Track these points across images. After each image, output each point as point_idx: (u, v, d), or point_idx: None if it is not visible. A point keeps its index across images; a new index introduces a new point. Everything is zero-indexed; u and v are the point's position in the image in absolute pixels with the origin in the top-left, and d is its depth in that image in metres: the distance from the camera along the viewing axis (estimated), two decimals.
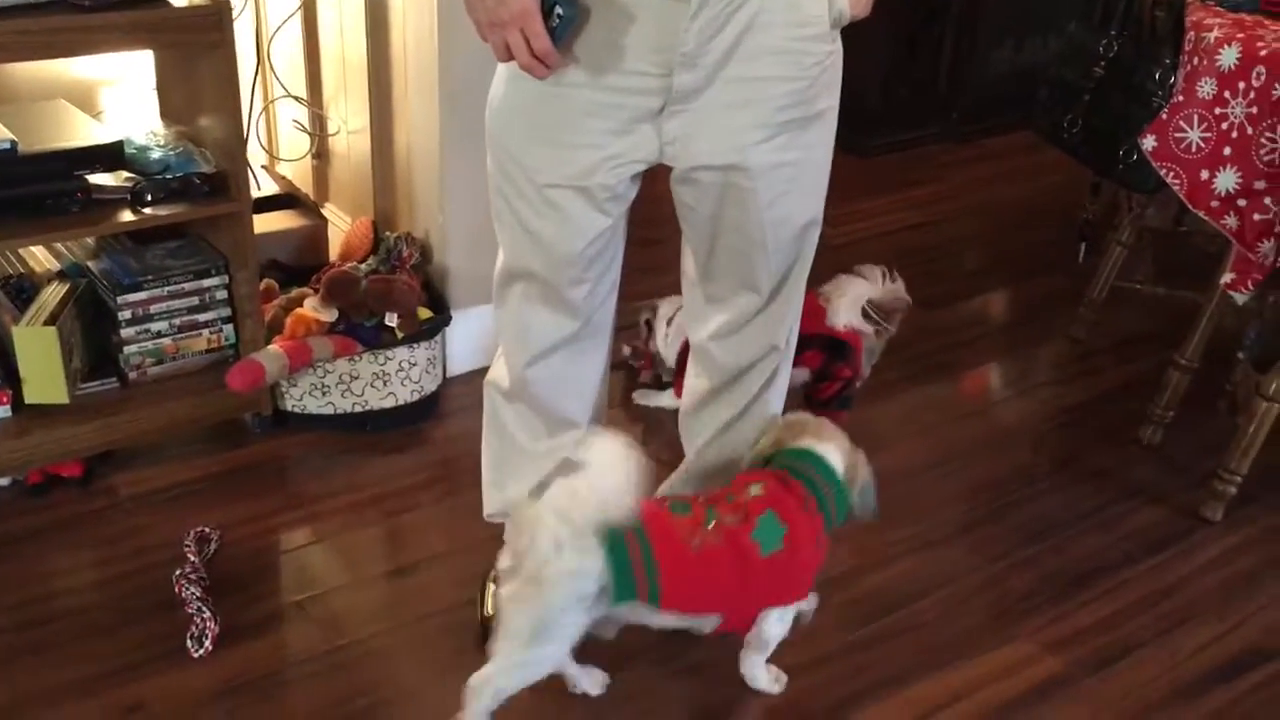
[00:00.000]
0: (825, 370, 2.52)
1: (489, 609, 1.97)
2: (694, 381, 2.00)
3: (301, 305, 2.48)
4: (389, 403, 2.52)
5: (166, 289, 2.34)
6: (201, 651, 1.90)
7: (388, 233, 2.72)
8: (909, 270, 2.74)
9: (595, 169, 1.67)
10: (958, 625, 2.07)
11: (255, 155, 2.94)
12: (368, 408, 2.51)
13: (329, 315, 2.46)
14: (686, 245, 1.87)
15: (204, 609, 1.95)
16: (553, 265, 1.78)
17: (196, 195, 2.24)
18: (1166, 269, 3.19)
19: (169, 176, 2.23)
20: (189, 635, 1.92)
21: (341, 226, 2.89)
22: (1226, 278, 2.34)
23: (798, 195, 1.75)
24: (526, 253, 1.79)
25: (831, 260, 3.57)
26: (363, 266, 2.60)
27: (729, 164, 1.68)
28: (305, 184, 3.08)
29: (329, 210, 3.00)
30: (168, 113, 2.51)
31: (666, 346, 2.59)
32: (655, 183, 1.75)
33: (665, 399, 2.63)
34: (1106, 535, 2.32)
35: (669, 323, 2.58)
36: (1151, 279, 3.10)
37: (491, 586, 1.99)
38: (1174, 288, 3.01)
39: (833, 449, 1.82)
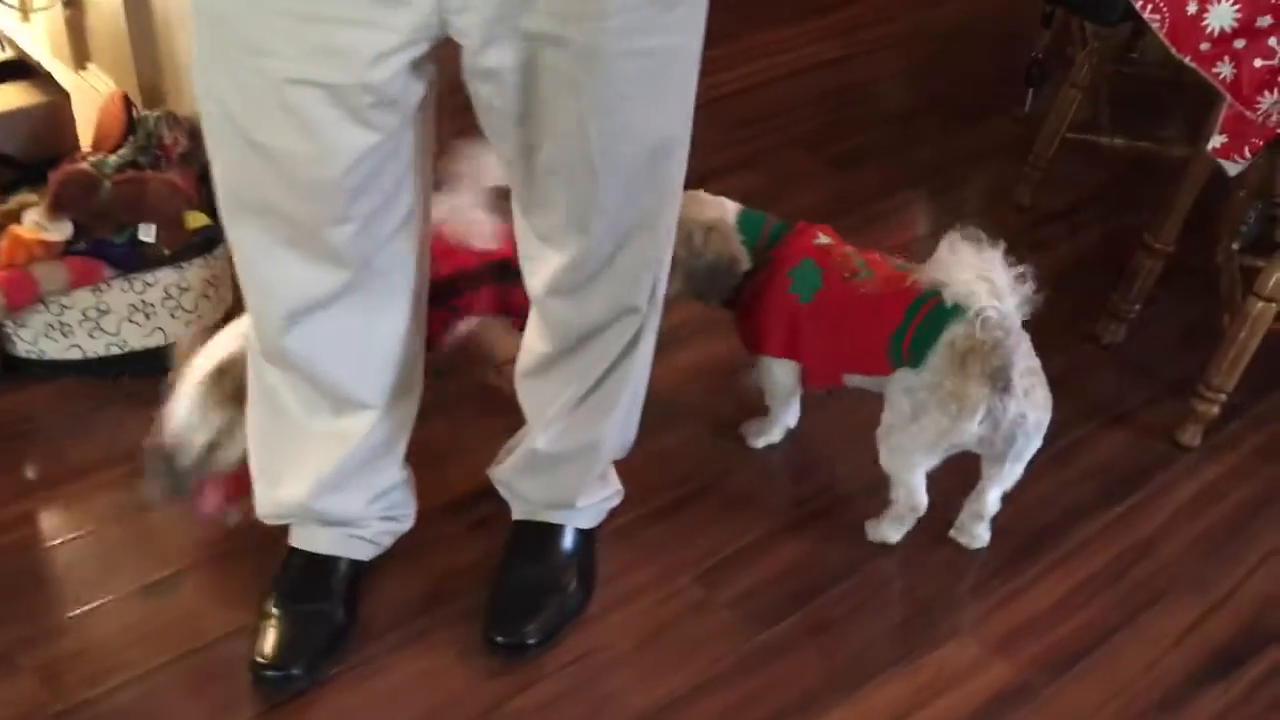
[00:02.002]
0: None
1: (267, 648, 1.48)
2: (532, 338, 1.48)
3: (19, 220, 1.87)
4: (155, 341, 1.95)
5: None
6: None
7: (146, 111, 2.09)
8: (821, 118, 2.17)
9: (352, 56, 1.12)
10: (877, 623, 1.63)
11: None
12: (127, 349, 1.94)
13: (59, 232, 1.86)
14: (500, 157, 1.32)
15: None
16: (298, 197, 1.23)
17: None
18: (1120, 111, 2.66)
19: None
20: None
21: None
22: (1215, 142, 1.83)
23: (650, 103, 1.21)
24: (258, 178, 1.23)
25: (723, 114, 3.29)
26: (111, 160, 1.98)
27: (547, 33, 1.12)
28: (60, 43, 2.40)
29: (88, 78, 2.34)
30: None
31: None
32: None
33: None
34: (1060, 474, 1.86)
35: None
36: (1109, 128, 2.57)
37: (273, 614, 1.49)
38: (1134, 137, 2.50)
39: None
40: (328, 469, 1.46)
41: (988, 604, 1.66)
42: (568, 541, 1.61)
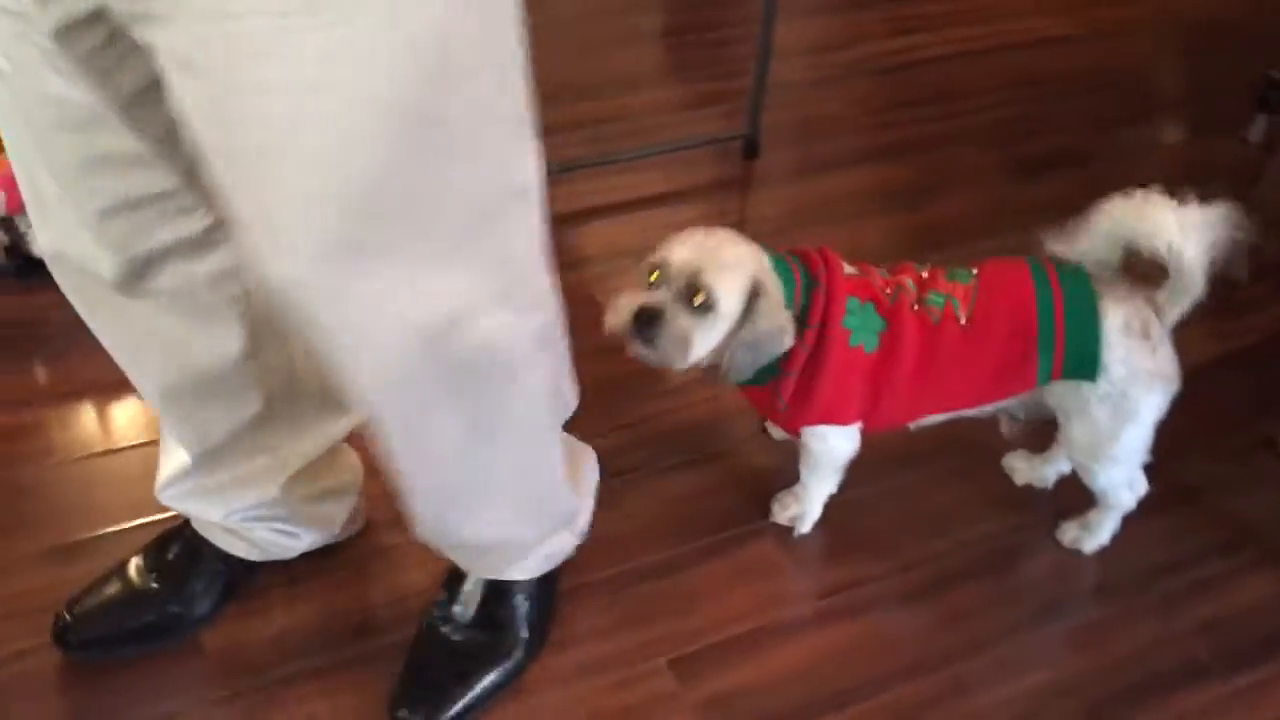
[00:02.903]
0: None
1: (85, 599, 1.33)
2: None
3: None
4: None
5: None
6: None
7: None
8: (1007, 109, 1.78)
9: None
10: None
11: None
12: None
13: None
14: None
15: None
16: None
17: None
18: None
19: None
20: None
21: None
22: None
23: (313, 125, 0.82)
24: None
25: (879, 89, 2.85)
26: None
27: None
28: None
29: None
30: None
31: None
32: None
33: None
34: (1166, 622, 1.47)
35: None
36: None
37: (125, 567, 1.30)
38: None
39: None
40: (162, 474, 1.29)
41: None
42: (505, 594, 1.34)
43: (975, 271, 1.39)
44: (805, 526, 1.53)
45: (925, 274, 1.39)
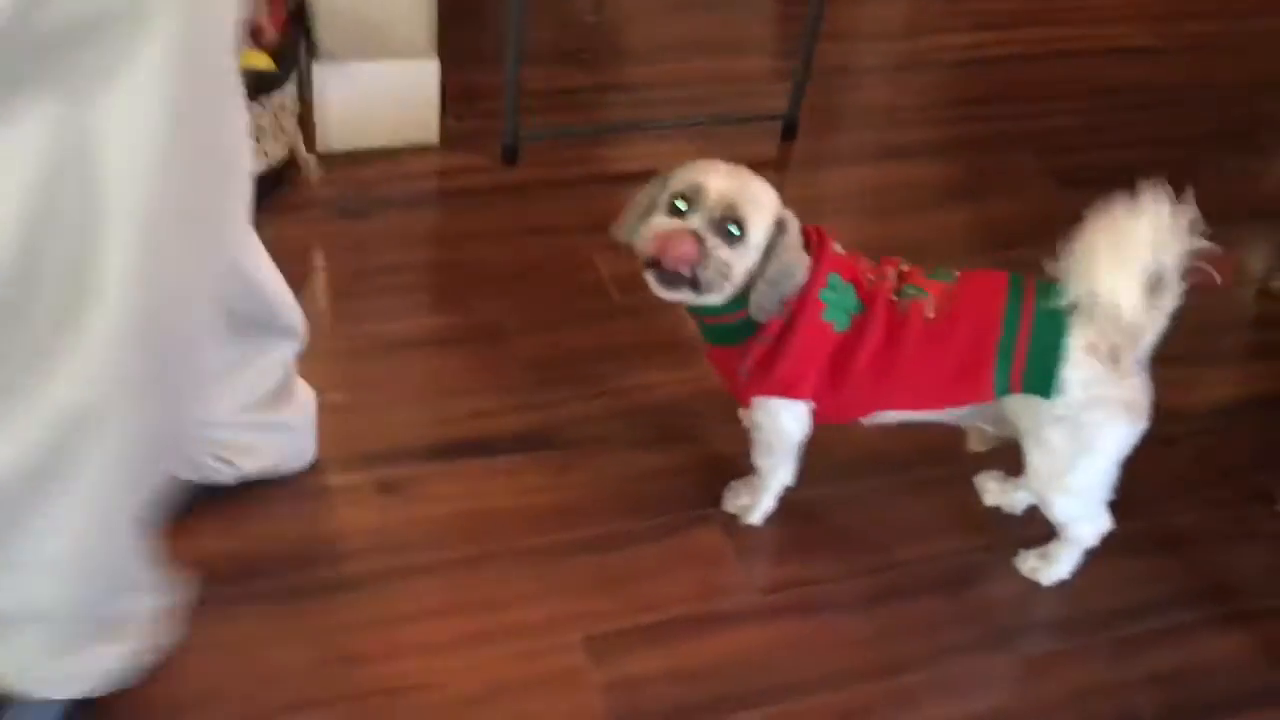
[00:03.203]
0: None
1: None
2: None
3: None
4: None
5: None
6: None
7: None
8: (1069, 119, 1.72)
9: None
10: None
11: None
12: None
13: None
14: None
15: None
16: None
17: None
18: None
19: None
20: None
21: None
22: None
23: None
24: None
25: (940, 84, 2.68)
26: None
27: None
28: None
29: None
30: None
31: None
32: None
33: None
34: (1115, 668, 1.39)
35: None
36: None
37: None
38: None
39: None
40: None
41: None
42: None
43: (958, 275, 1.33)
44: (754, 518, 1.48)
45: (908, 268, 1.34)
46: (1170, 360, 1.29)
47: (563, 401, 1.62)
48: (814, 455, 1.45)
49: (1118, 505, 1.38)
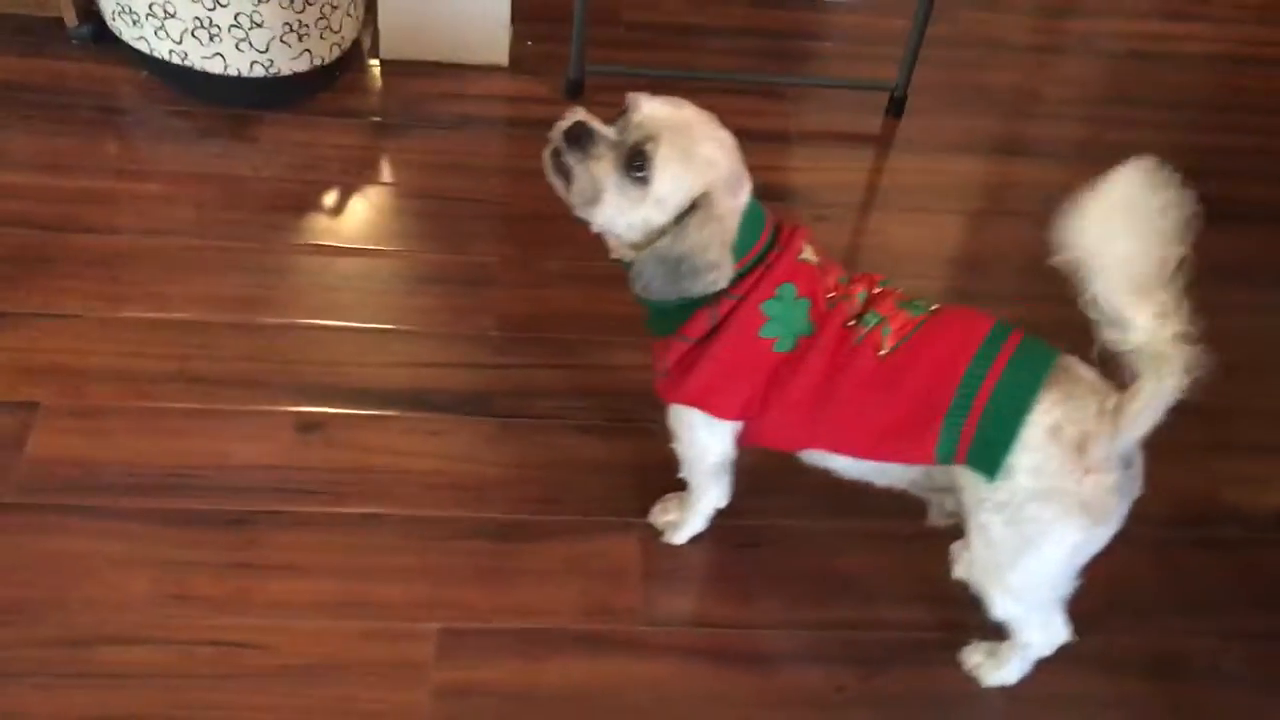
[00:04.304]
0: None
1: None
2: None
3: None
4: (216, 66, 1.74)
5: None
6: None
7: None
8: (1234, 137, 1.52)
9: None
10: None
11: None
12: (190, 64, 1.75)
13: None
14: None
15: None
16: None
17: None
18: None
19: None
20: None
21: None
22: None
23: None
24: None
25: (1082, 77, 2.28)
26: None
27: None
28: None
29: None
30: None
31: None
32: None
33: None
34: None
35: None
36: None
37: None
38: None
39: None
40: None
41: None
42: None
43: (934, 308, 1.12)
44: (677, 537, 1.33)
45: (880, 290, 1.14)
46: (1244, 449, 1.05)
47: (522, 366, 1.50)
48: (774, 476, 1.28)
49: (1112, 607, 1.15)
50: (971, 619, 1.26)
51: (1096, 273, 0.98)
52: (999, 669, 1.22)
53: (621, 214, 1.10)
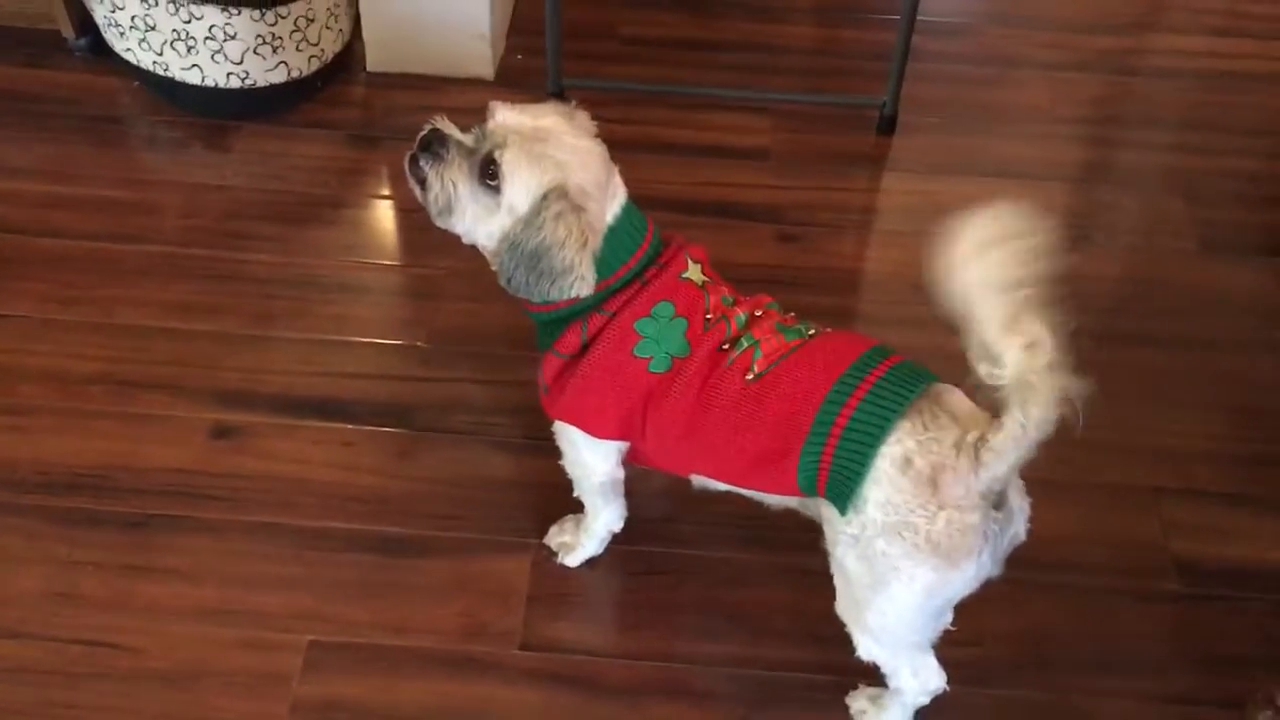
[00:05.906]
0: None
1: None
2: None
3: None
4: (194, 77, 1.78)
5: None
6: None
7: None
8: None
9: None
10: None
11: None
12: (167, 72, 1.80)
13: None
14: None
15: None
16: None
17: None
18: None
19: None
20: None
21: None
22: None
23: None
24: None
25: (1151, 95, 2.04)
26: None
27: None
28: None
29: None
30: None
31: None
32: None
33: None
34: None
35: None
36: None
37: None
38: None
39: None
40: None
41: None
42: None
43: (812, 332, 1.07)
44: (571, 559, 1.29)
45: (763, 313, 1.09)
46: (1208, 496, 0.96)
47: (449, 380, 1.49)
48: (689, 503, 1.24)
49: (1023, 658, 1.07)
50: (861, 662, 1.20)
51: (967, 308, 0.92)
52: (880, 716, 1.16)
53: (479, 223, 1.08)
